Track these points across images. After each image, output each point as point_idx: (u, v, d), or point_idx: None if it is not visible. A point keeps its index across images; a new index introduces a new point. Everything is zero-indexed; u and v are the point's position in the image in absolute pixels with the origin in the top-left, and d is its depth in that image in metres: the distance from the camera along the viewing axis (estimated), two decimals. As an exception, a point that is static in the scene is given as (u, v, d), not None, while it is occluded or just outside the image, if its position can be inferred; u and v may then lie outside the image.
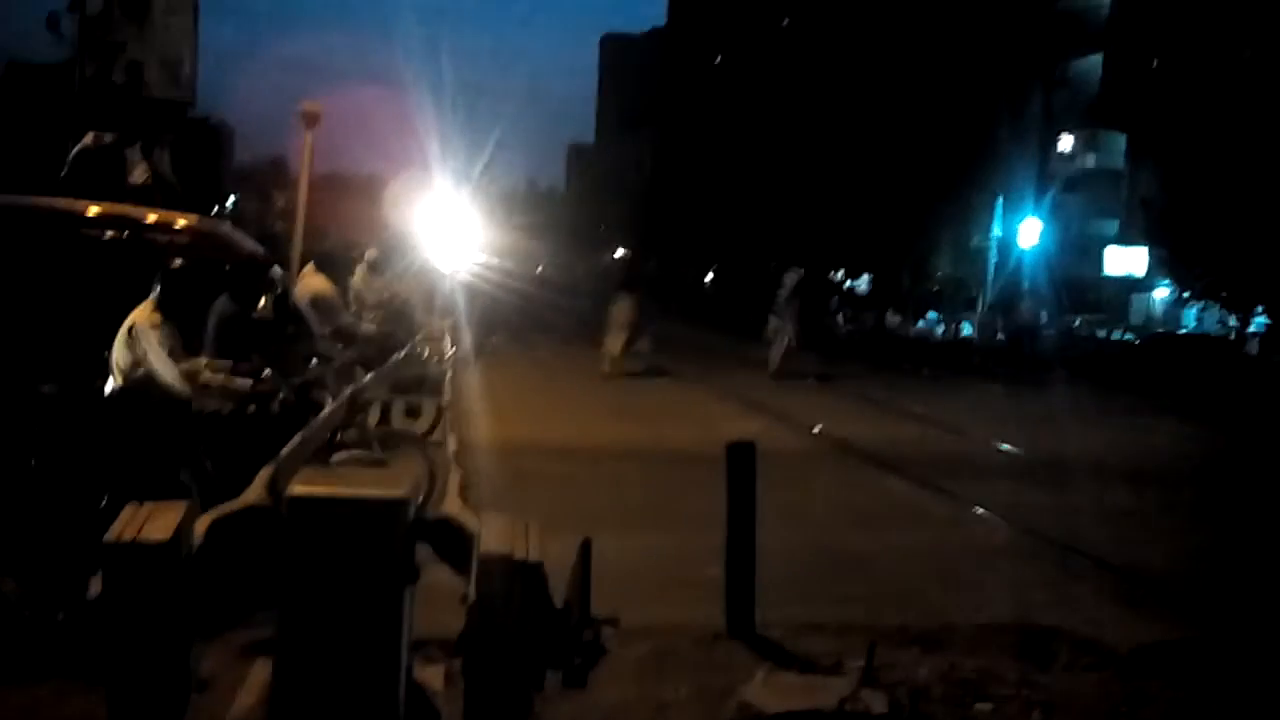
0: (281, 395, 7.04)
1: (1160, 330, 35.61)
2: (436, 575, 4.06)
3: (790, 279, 20.64)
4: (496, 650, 3.67)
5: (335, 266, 11.24)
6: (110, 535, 3.50)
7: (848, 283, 50.01)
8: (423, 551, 3.93)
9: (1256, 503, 10.20)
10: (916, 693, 4.73)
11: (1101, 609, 6.76)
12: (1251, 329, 30.74)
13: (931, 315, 41.62)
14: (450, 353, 11.71)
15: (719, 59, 73.93)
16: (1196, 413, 17.73)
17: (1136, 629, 6.17)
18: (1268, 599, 6.80)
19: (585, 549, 4.12)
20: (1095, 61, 43.16)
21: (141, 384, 6.09)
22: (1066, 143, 45.19)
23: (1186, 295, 33.09)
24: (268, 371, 7.04)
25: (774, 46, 59.25)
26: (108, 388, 6.28)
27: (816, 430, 10.76)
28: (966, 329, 40.39)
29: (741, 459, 6.00)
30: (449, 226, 22.97)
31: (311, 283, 10.41)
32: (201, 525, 3.82)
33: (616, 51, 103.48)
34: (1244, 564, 7.91)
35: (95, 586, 3.50)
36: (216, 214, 24.40)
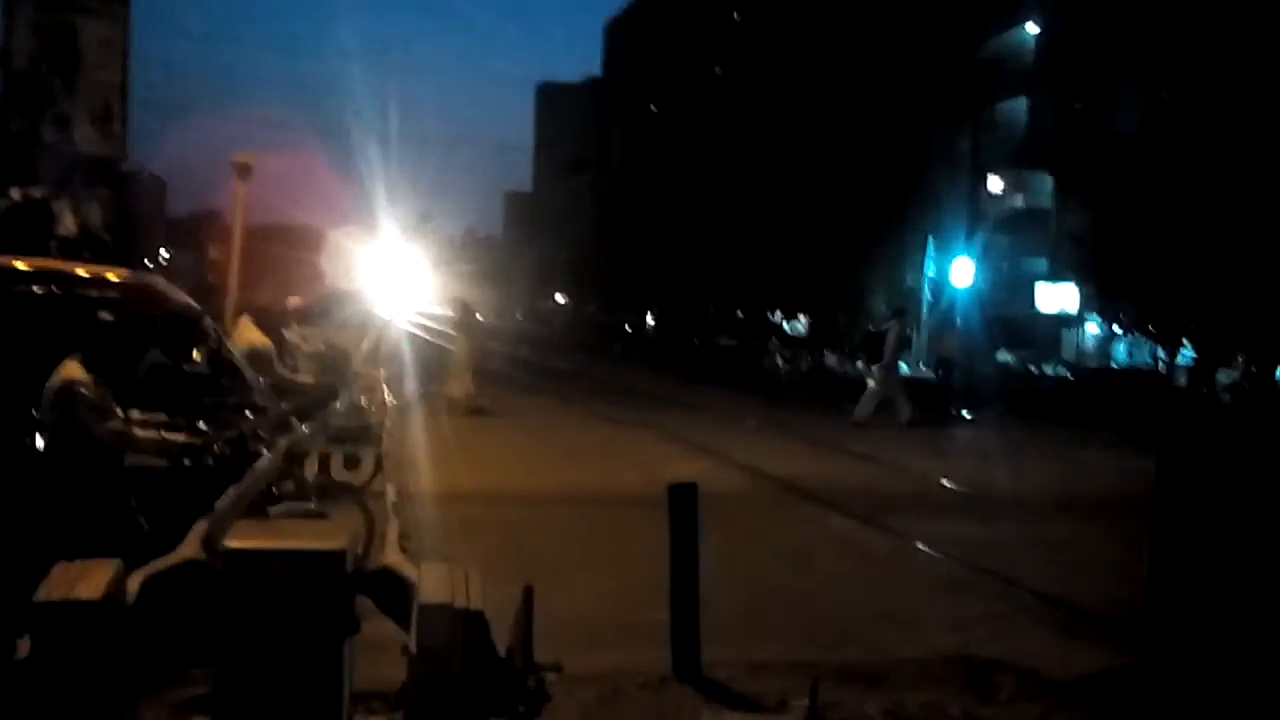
0: (216, 449, 6.93)
1: (1091, 365, 36.31)
2: (378, 627, 4.02)
3: (894, 330, 20.39)
4: (439, 700, 3.63)
5: (270, 318, 11.15)
6: (40, 594, 3.43)
7: (785, 324, 50.41)
8: (363, 603, 3.89)
9: (1191, 531, 10.40)
10: (861, 729, 4.75)
11: (1043, 640, 6.85)
12: (1180, 361, 31.44)
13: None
14: (389, 402, 11.62)
15: (653, 107, 74.70)
16: (1129, 444, 18.07)
17: (1077, 659, 6.25)
18: (1205, 627, 6.92)
19: (528, 595, 4.10)
20: (1020, 104, 44.25)
21: (72, 441, 5.97)
22: (996, 184, 46.17)
23: (1116, 330, 33.79)
24: (201, 425, 6.93)
25: (707, 93, 60.00)
26: (38, 444, 6.15)
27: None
28: (903, 368, 40.81)
29: (683, 500, 6.02)
30: (389, 276, 22.88)
31: (246, 335, 10.32)
32: (135, 582, 3.75)
33: (553, 100, 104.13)
34: (1181, 592, 8.05)
35: (24, 648, 3.42)
36: (149, 267, 24.08)
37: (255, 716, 3.59)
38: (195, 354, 8.61)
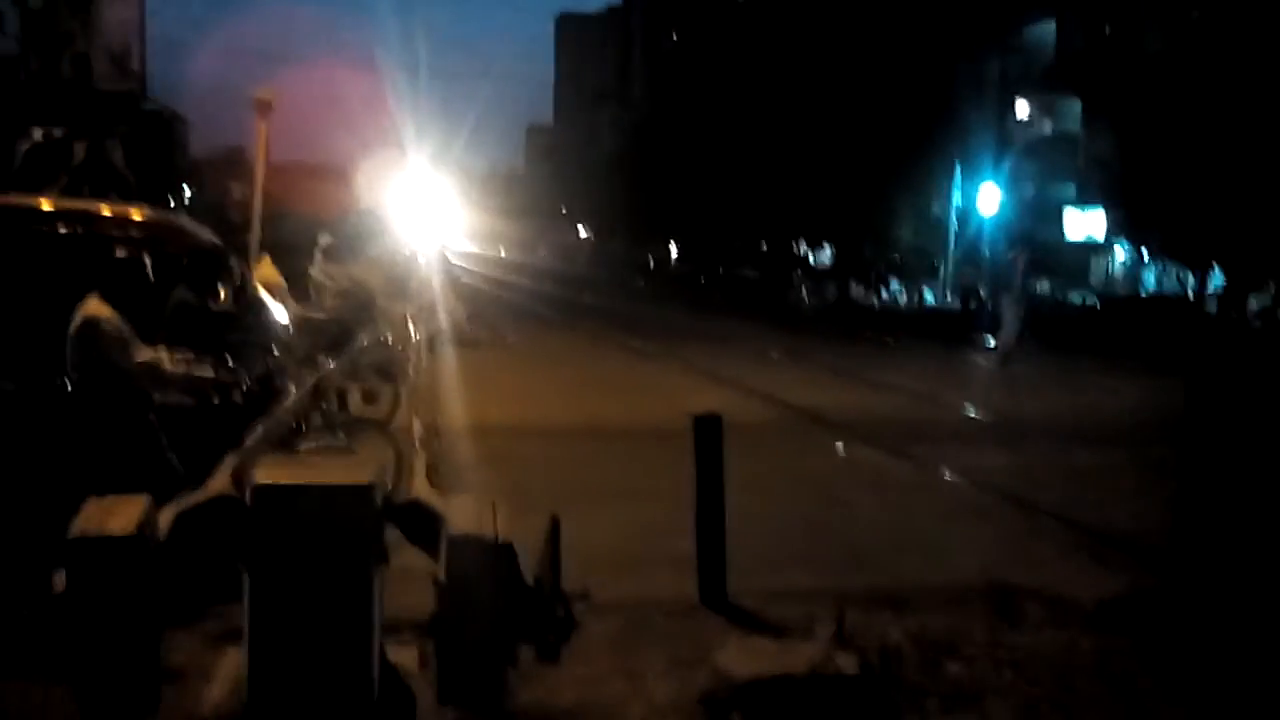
0: (245, 386, 6.99)
1: (1120, 292, 36.01)
2: (407, 558, 4.07)
3: (1022, 258, 20.51)
4: (468, 628, 3.68)
5: (289, 255, 11.18)
6: (74, 530, 3.48)
7: (809, 255, 50.13)
8: (392, 535, 3.93)
9: (1217, 458, 10.36)
10: (887, 654, 4.79)
11: (1068, 566, 6.87)
12: (1210, 288, 31.11)
13: (894, 285, 41.85)
14: (416, 338, 11.66)
15: (675, 36, 73.70)
16: (1157, 372, 17.95)
17: (1102, 585, 6.25)
18: (1228, 551, 6.91)
19: (554, 526, 4.14)
20: (1049, 28, 43.40)
21: (99, 377, 6.02)
22: (1023, 109, 45.46)
23: (1145, 256, 33.46)
24: (229, 362, 6.98)
25: (731, 22, 59.09)
26: (68, 383, 6.21)
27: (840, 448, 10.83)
28: (929, 297, 40.65)
29: (708, 431, 6.03)
30: (412, 210, 22.87)
31: (265, 273, 10.36)
32: (166, 517, 3.80)
33: (572, 31, 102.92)
34: (1205, 518, 8.04)
35: (60, 581, 3.48)
36: (172, 206, 24.13)
37: (288, 647, 3.65)
38: (221, 292, 8.65)
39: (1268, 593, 4.27)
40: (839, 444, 10.85)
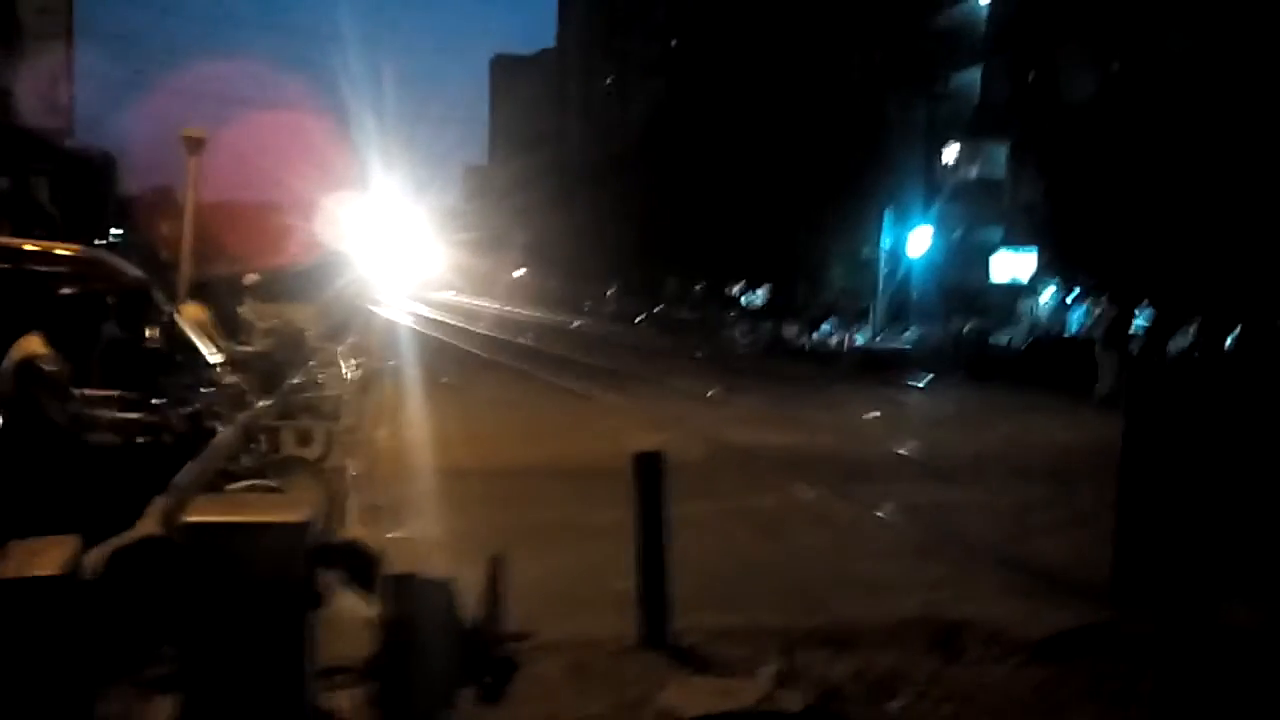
0: (173, 425, 6.83)
1: (1045, 332, 36.63)
2: (344, 602, 3.97)
3: (1108, 312, 22.16)
4: (407, 670, 3.60)
5: (215, 294, 11.04)
6: (-3, 572, 3.35)
7: (744, 296, 50.50)
8: (327, 577, 3.84)
9: (1149, 492, 10.54)
10: (830, 692, 4.76)
11: (1008, 602, 6.90)
12: (1132, 329, 31.78)
13: (825, 326, 42.26)
14: (351, 375, 11.50)
15: (609, 79, 74.28)
16: (1084, 409, 18.28)
17: (1040, 619, 6.29)
18: (1163, 583, 7.01)
19: (495, 566, 4.07)
20: (975, 75, 44.39)
21: (29, 418, 5.84)
22: (950, 154, 46.36)
23: (1072, 297, 34.14)
24: (157, 401, 6.83)
25: (662, 65, 59.72)
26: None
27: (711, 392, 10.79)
28: (859, 339, 41.08)
29: (649, 469, 5.99)
30: (374, 248, 22.69)
31: (190, 311, 10.22)
32: (95, 558, 3.68)
33: (507, 72, 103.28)
34: (1138, 550, 8.16)
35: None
36: (99, 244, 23.67)
37: (220, 692, 3.54)
38: (148, 329, 8.48)
39: (1208, 624, 4.33)
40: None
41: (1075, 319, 36.52)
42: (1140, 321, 25.61)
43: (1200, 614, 3.64)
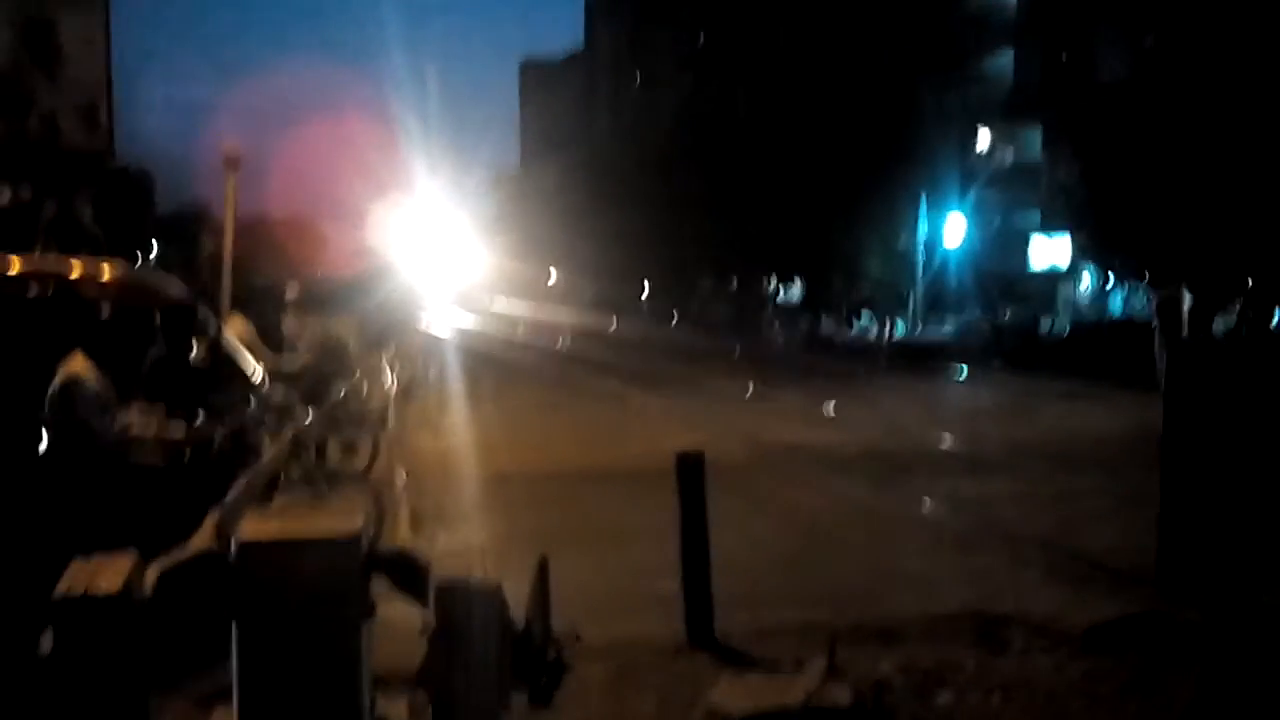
0: (217, 442, 6.96)
1: (1087, 318, 36.30)
2: (393, 609, 4.04)
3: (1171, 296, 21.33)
4: (460, 675, 3.66)
5: (258, 309, 11.19)
6: (60, 590, 3.45)
7: (779, 291, 50.37)
8: (379, 586, 3.91)
9: (1192, 477, 10.44)
10: (879, 686, 4.79)
11: (1051, 592, 6.89)
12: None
13: (863, 319, 42.09)
14: (394, 384, 11.65)
15: (638, 78, 74.32)
16: (1128, 394, 18.12)
17: (1086, 610, 6.28)
18: (1210, 572, 6.97)
19: (543, 569, 4.13)
20: (1007, 58, 44.05)
21: (75, 438, 5.98)
22: (985, 139, 46.01)
23: (1110, 282, 33.84)
24: (202, 417, 6.95)
25: (692, 63, 59.69)
26: (42, 446, 6.16)
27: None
28: (898, 331, 40.90)
29: (691, 470, 6.03)
30: (398, 255, 22.87)
31: (235, 327, 10.37)
32: (152, 575, 3.77)
33: (536, 77, 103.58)
34: (1185, 539, 8.10)
35: (47, 643, 3.44)
36: (142, 262, 24.03)
37: (277, 704, 3.62)
38: (195, 346, 8.62)
39: (1253, 611, 4.31)
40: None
41: (1116, 304, 36.15)
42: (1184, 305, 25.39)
43: (1246, 601, 3.64)
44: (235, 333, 10.23)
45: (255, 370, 9.79)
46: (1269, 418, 3.48)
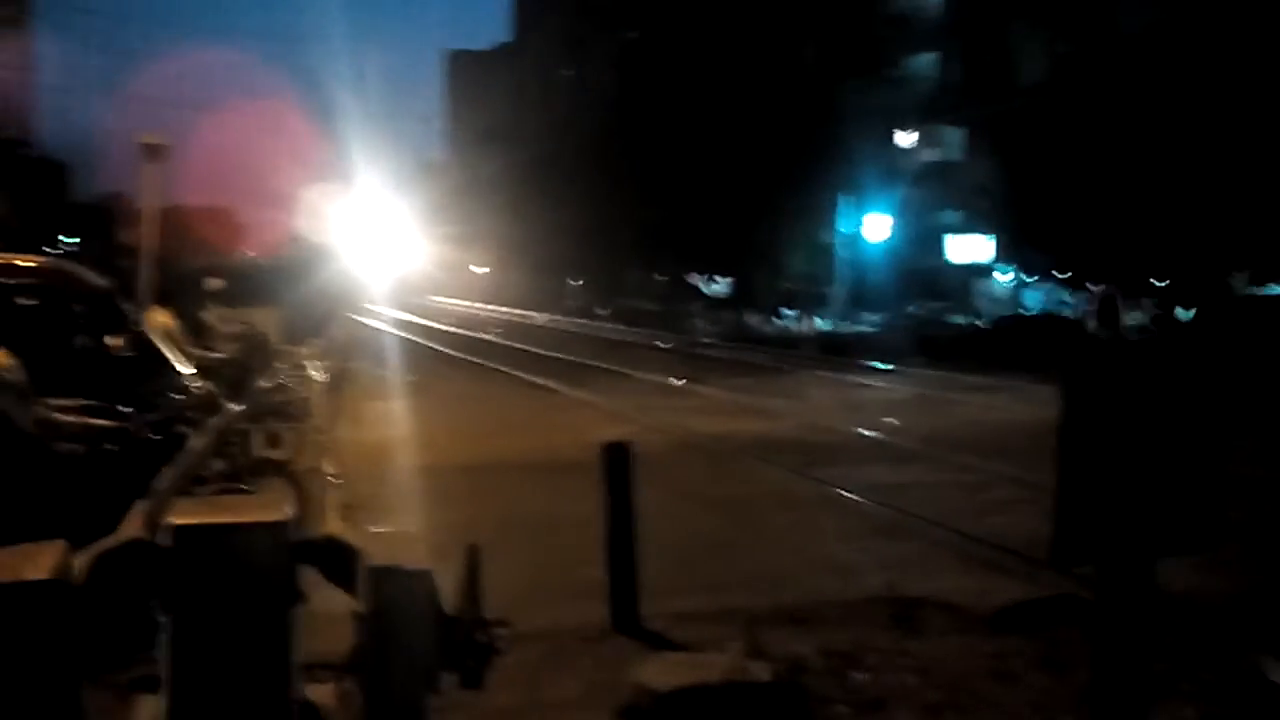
0: (139, 432, 6.93)
1: (1003, 313, 37.16)
2: (322, 597, 4.10)
3: (1101, 292, 21.70)
4: (391, 658, 3.74)
5: (178, 300, 11.07)
6: (-11, 578, 3.46)
7: (707, 285, 50.76)
8: (308, 573, 3.96)
9: (1084, 465, 10.81)
10: (796, 665, 4.96)
11: (964, 576, 7.16)
12: (1088, 305, 32.31)
13: (787, 312, 42.62)
14: (319, 376, 11.58)
15: (568, 73, 74.24)
16: (1042, 387, 18.60)
17: (997, 592, 6.54)
18: (1103, 552, 7.25)
19: (473, 555, 4.21)
20: (931, 59, 44.85)
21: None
22: (907, 139, 46.82)
23: (1029, 279, 34.67)
24: (126, 409, 6.92)
25: (622, 59, 59.79)
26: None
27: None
28: (821, 324, 41.48)
29: (617, 459, 6.16)
30: (326, 245, 22.55)
31: (155, 318, 10.25)
32: (83, 562, 3.79)
33: (463, 68, 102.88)
34: (1078, 524, 8.41)
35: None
36: (60, 253, 23.52)
37: (205, 691, 3.66)
38: (117, 338, 8.54)
39: (1141, 588, 4.54)
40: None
41: (1031, 299, 37.05)
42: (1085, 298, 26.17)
43: (1137, 580, 3.86)
44: (157, 323, 10.13)
45: (178, 361, 9.70)
46: (1157, 410, 3.69)
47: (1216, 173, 24.17)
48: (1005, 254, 36.08)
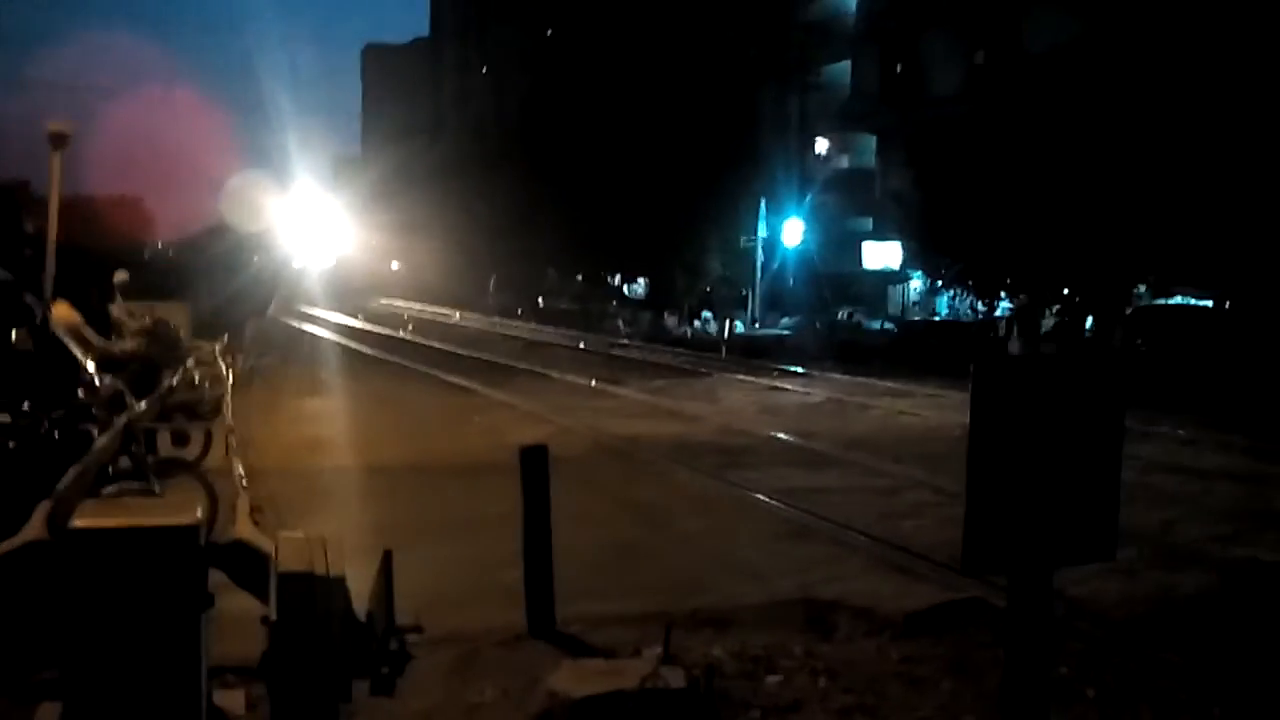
0: (45, 429, 6.72)
1: (915, 318, 37.82)
2: (232, 601, 4.02)
3: (1021, 302, 22.17)
4: (300, 666, 3.67)
5: (85, 293, 10.76)
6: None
7: (624, 287, 50.84)
8: (217, 579, 3.88)
9: (1005, 468, 11.06)
10: (710, 669, 4.99)
11: (876, 579, 7.26)
12: (998, 313, 33.02)
13: (705, 315, 42.88)
14: (230, 373, 11.35)
15: (485, 69, 73.81)
16: (953, 392, 18.98)
17: (908, 596, 6.65)
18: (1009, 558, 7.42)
19: (386, 560, 4.16)
20: (845, 67, 45.42)
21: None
22: (822, 145, 47.40)
23: (939, 284, 35.27)
24: (27, 406, 6.71)
25: (538, 57, 59.59)
26: None
27: None
28: (738, 327, 41.85)
29: (534, 463, 6.13)
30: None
31: (61, 311, 9.96)
32: (-21, 566, 3.66)
33: (380, 62, 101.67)
34: (987, 531, 8.60)
35: None
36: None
37: (109, 697, 3.56)
38: (16, 333, 8.28)
39: (1043, 593, 4.67)
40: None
41: (942, 305, 37.73)
42: (1002, 309, 26.66)
43: (1042, 587, 3.96)
44: (62, 317, 9.83)
45: (83, 357, 9.43)
46: (1062, 421, 3.80)
47: (1122, 185, 24.85)
48: (914, 261, 36.69)
